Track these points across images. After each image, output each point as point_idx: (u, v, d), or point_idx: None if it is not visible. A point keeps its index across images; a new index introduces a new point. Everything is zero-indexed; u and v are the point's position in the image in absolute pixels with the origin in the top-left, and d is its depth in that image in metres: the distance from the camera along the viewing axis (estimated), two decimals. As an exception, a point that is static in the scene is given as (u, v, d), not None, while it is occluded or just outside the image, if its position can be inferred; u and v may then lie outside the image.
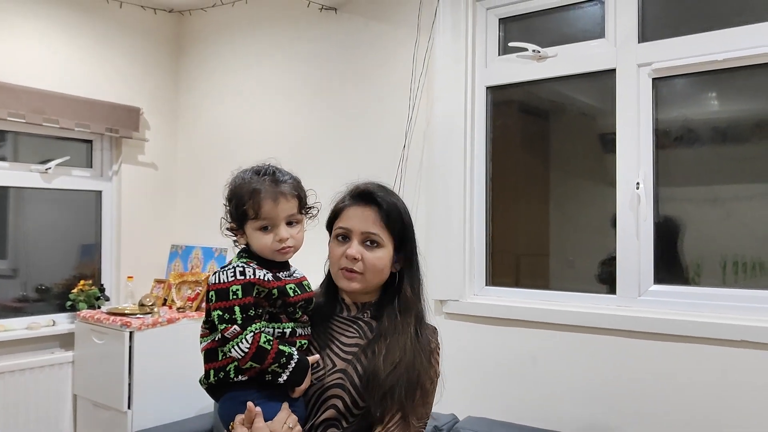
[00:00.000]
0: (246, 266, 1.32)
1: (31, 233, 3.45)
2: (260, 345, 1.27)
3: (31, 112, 3.18)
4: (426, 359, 1.37)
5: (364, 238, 1.39)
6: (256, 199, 1.33)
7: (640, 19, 2.38)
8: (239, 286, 1.29)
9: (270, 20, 3.47)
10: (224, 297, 1.29)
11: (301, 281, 1.41)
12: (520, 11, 2.68)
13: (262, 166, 1.39)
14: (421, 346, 1.37)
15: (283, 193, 1.34)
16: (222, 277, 1.31)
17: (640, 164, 2.34)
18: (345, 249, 1.39)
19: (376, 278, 1.41)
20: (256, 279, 1.31)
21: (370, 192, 1.42)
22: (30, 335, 3.24)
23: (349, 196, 1.45)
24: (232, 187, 1.39)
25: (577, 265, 2.65)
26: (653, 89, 2.35)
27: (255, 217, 1.34)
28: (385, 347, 1.34)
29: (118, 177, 3.67)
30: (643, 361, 2.24)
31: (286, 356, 1.30)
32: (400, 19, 2.93)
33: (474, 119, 2.74)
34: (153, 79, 3.81)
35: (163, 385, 3.07)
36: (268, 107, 3.48)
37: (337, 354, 1.38)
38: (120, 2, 3.60)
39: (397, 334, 1.36)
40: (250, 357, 1.27)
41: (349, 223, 1.41)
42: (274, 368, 1.29)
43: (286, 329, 1.36)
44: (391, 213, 1.41)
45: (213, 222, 3.64)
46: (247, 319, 1.28)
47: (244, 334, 1.27)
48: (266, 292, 1.32)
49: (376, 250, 1.39)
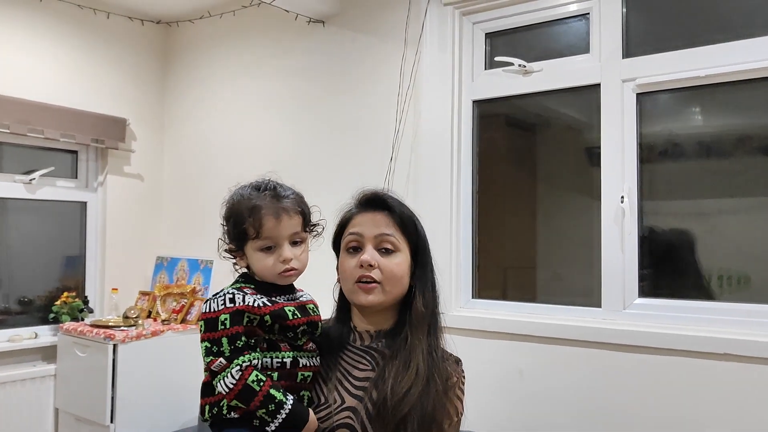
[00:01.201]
0: (237, 292, 1.22)
1: (13, 244, 3.41)
2: (247, 383, 1.15)
3: (16, 123, 3.15)
4: (443, 390, 1.22)
5: (378, 242, 1.26)
6: (256, 216, 1.22)
7: (624, 35, 2.40)
8: (227, 315, 1.18)
9: (258, 32, 3.47)
10: (213, 327, 1.19)
11: (305, 304, 1.30)
12: (506, 26, 2.70)
13: (262, 181, 1.29)
14: (438, 370, 1.23)
15: (285, 210, 1.24)
16: (212, 305, 1.21)
17: (625, 178, 2.36)
18: (358, 258, 1.25)
19: (395, 288, 1.26)
20: (245, 306, 1.20)
21: (380, 196, 1.32)
22: (11, 348, 3.20)
23: (356, 204, 1.34)
24: (230, 204, 1.27)
25: (564, 277, 2.67)
26: (637, 104, 2.37)
27: (256, 237, 1.23)
28: (395, 370, 1.20)
29: (104, 188, 3.65)
30: (628, 374, 2.25)
31: (275, 403, 1.16)
32: (387, 33, 2.95)
33: (461, 132, 2.75)
34: (140, 90, 3.80)
35: (147, 399, 3.03)
36: (255, 119, 3.48)
37: (347, 389, 1.24)
38: (107, 13, 3.60)
39: (407, 354, 1.22)
40: (235, 395, 1.16)
41: (361, 229, 1.27)
42: (262, 414, 1.16)
43: (286, 359, 1.23)
44: (404, 216, 1.30)
45: (199, 234, 3.67)
46: (235, 351, 1.16)
47: (230, 367, 1.16)
48: (258, 319, 1.21)
49: (393, 255, 1.26)
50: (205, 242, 3.56)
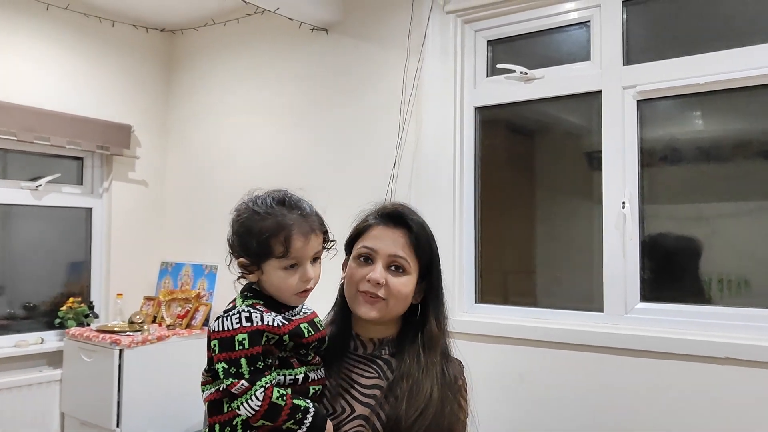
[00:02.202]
0: (252, 310, 1.18)
1: (18, 250, 3.44)
2: (273, 401, 1.13)
3: (23, 130, 3.19)
4: (455, 402, 1.25)
5: (389, 262, 1.27)
6: (285, 234, 1.17)
7: (625, 42, 2.43)
8: (245, 335, 1.14)
9: (261, 40, 3.51)
10: (229, 347, 1.14)
11: (312, 319, 1.28)
12: (508, 33, 2.73)
13: (284, 194, 1.24)
14: (450, 389, 1.25)
15: (313, 230, 1.21)
16: (226, 323, 1.16)
17: (626, 184, 2.39)
18: (368, 271, 1.26)
19: (398, 306, 1.28)
20: (264, 326, 1.16)
21: (400, 213, 1.32)
22: (18, 353, 3.23)
23: (376, 215, 1.33)
24: (247, 217, 1.21)
25: (564, 282, 2.69)
26: (638, 110, 2.40)
27: (282, 256, 1.18)
28: (408, 390, 1.21)
29: (109, 194, 3.68)
30: (630, 378, 2.27)
31: (302, 411, 1.16)
32: (390, 41, 2.98)
33: (463, 139, 2.78)
34: (144, 97, 3.84)
35: (152, 404, 3.06)
36: (258, 126, 3.51)
37: (355, 398, 1.25)
38: (112, 21, 3.63)
39: (421, 374, 1.23)
40: (262, 415, 1.13)
41: (376, 244, 1.28)
42: (290, 425, 1.15)
43: (299, 375, 1.21)
44: (420, 238, 1.30)
45: (203, 239, 3.69)
46: (256, 372, 1.14)
47: (254, 389, 1.13)
48: (276, 339, 1.18)
49: (402, 276, 1.27)
50: (209, 247, 3.59)
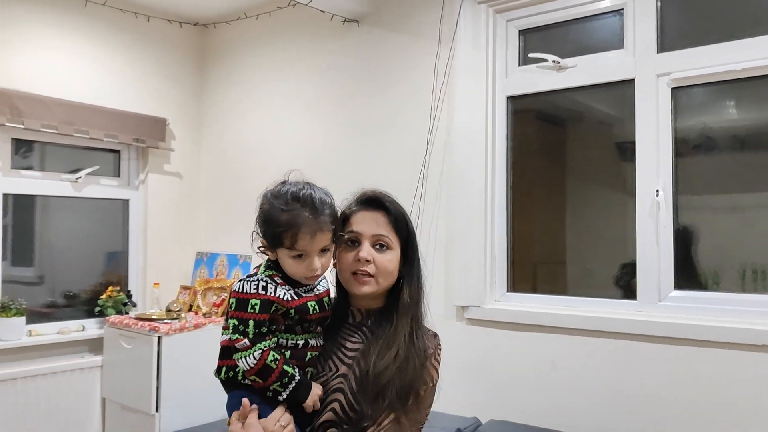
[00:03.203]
0: (269, 282, 1.33)
1: (58, 241, 3.54)
2: (266, 363, 1.30)
3: (63, 123, 3.28)
4: (420, 363, 1.37)
5: (374, 240, 1.41)
6: (293, 231, 1.31)
7: (659, 29, 2.42)
8: (258, 302, 1.30)
9: (293, 33, 3.55)
10: (243, 308, 1.31)
11: (321, 297, 1.42)
12: (539, 23, 2.73)
13: (300, 189, 1.34)
14: (416, 350, 1.38)
15: (321, 228, 1.32)
16: (246, 287, 1.32)
17: (660, 172, 2.39)
18: (356, 253, 1.40)
19: (386, 280, 1.42)
20: (275, 297, 1.32)
21: (378, 197, 1.45)
22: (61, 339, 3.33)
23: (357, 202, 1.47)
24: (267, 208, 1.35)
25: (595, 272, 2.69)
26: (672, 98, 2.39)
27: (290, 247, 1.32)
28: (378, 349, 1.37)
29: (145, 186, 3.77)
30: (664, 366, 2.27)
31: (288, 377, 1.32)
32: (421, 31, 3.00)
33: (495, 128, 2.79)
34: (179, 90, 3.91)
35: (189, 389, 3.14)
36: (290, 118, 3.56)
37: (341, 359, 1.42)
38: (147, 16, 3.71)
39: (391, 337, 1.38)
40: (254, 372, 1.30)
41: (360, 227, 1.42)
42: (276, 387, 1.32)
43: (299, 341, 1.37)
44: (398, 217, 1.44)
45: (237, 230, 3.77)
46: (258, 335, 1.30)
47: (253, 350, 1.29)
48: (284, 311, 1.33)
49: (386, 252, 1.41)
50: (243, 238, 3.63)
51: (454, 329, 2.76)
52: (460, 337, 2.75)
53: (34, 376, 3.15)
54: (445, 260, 2.83)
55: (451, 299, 2.78)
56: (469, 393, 2.70)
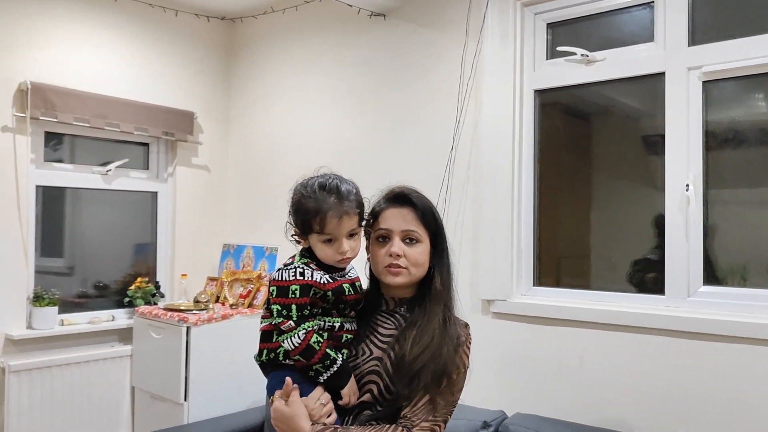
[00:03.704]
0: (306, 268, 1.44)
1: (87, 232, 3.61)
2: (310, 343, 1.40)
3: (95, 117, 3.34)
4: (453, 349, 1.45)
5: (404, 236, 1.50)
6: (321, 216, 1.41)
7: (690, 22, 2.40)
8: (298, 287, 1.41)
9: (320, 27, 3.57)
10: (284, 294, 1.42)
11: (354, 281, 1.53)
12: (568, 16, 2.72)
13: (327, 179, 1.46)
14: (449, 336, 1.46)
15: (347, 212, 1.43)
16: (284, 275, 1.44)
17: (690, 166, 2.37)
18: (388, 248, 1.50)
19: (418, 271, 1.51)
20: (313, 281, 1.43)
21: (405, 194, 1.53)
22: (91, 329, 3.40)
23: (385, 199, 1.55)
24: (297, 198, 1.47)
25: (621, 267, 2.67)
26: (703, 92, 2.37)
27: (320, 232, 1.43)
28: (413, 334, 1.45)
29: (173, 178, 3.82)
30: (692, 362, 2.26)
31: (330, 359, 1.42)
32: (448, 25, 3.00)
33: (522, 122, 2.79)
34: (206, 84, 3.96)
35: (217, 379, 3.19)
36: (317, 112, 3.58)
37: (374, 343, 1.51)
38: (176, 11, 3.76)
39: (425, 323, 1.46)
40: (299, 352, 1.41)
41: (389, 224, 1.51)
42: (318, 367, 1.42)
43: (335, 323, 1.47)
44: (425, 212, 1.52)
45: (264, 222, 3.81)
46: (301, 317, 1.41)
47: (297, 330, 1.40)
48: (321, 294, 1.44)
49: (416, 245, 1.50)
50: (270, 230, 3.70)
51: (480, 323, 2.77)
52: (486, 331, 2.76)
53: (68, 365, 3.22)
54: (471, 254, 2.84)
55: (477, 293, 2.79)
56: (495, 386, 2.71)
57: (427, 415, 1.40)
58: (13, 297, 3.15)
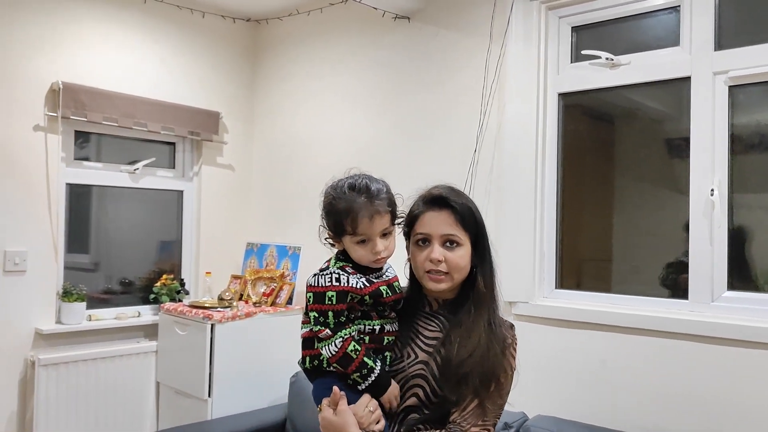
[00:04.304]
0: (341, 273, 1.42)
1: (113, 229, 3.67)
2: (347, 352, 1.39)
3: (123, 116, 3.41)
4: (500, 352, 1.43)
5: (444, 240, 1.46)
6: (353, 216, 1.40)
7: (717, 27, 2.39)
8: (334, 293, 1.40)
9: (344, 29, 3.61)
10: (320, 300, 1.41)
11: (392, 282, 1.51)
12: (593, 20, 2.72)
13: (356, 180, 1.45)
14: (496, 338, 1.44)
15: (378, 211, 1.42)
16: (320, 280, 1.42)
17: (715, 171, 2.36)
18: (428, 253, 1.46)
19: (460, 276, 1.48)
20: (349, 287, 1.41)
21: (443, 196, 1.49)
22: (118, 325, 3.47)
23: (423, 202, 1.52)
24: (329, 200, 1.45)
25: (644, 270, 2.67)
26: (729, 97, 2.36)
27: (352, 233, 1.42)
28: (459, 337, 1.43)
29: (199, 177, 3.88)
30: (716, 367, 2.26)
31: (368, 369, 1.40)
32: (472, 28, 3.01)
33: (545, 125, 2.80)
34: (232, 85, 4.01)
35: (241, 376, 3.24)
36: (341, 113, 3.62)
37: (419, 346, 1.48)
38: (203, 12, 3.81)
39: (471, 325, 1.44)
40: (336, 360, 1.40)
41: (428, 228, 1.48)
42: (356, 377, 1.41)
43: (376, 326, 1.45)
44: (464, 214, 1.48)
45: (287, 221, 3.86)
46: (338, 325, 1.40)
47: (334, 338, 1.39)
48: (359, 298, 1.42)
49: (457, 249, 1.46)
50: (293, 229, 3.75)
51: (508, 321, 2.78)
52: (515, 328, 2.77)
53: (94, 359, 3.29)
54: (493, 255, 2.85)
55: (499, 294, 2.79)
56: (517, 388, 2.69)
57: (477, 419, 1.38)
58: (44, 292, 3.22)
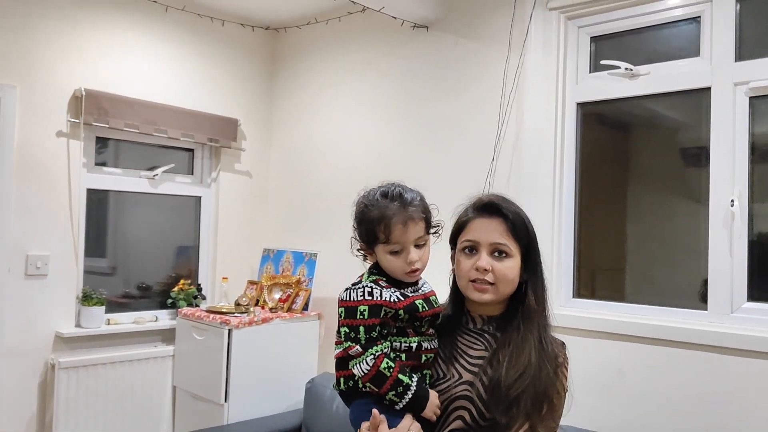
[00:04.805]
0: (374, 286, 1.36)
1: (135, 235, 3.71)
2: (380, 370, 1.31)
3: (144, 123, 3.45)
4: (552, 372, 1.35)
5: (492, 249, 1.39)
6: (386, 223, 1.35)
7: (737, 38, 2.40)
8: (366, 307, 1.33)
9: (362, 37, 3.63)
10: (352, 315, 1.34)
11: (428, 296, 1.44)
12: (612, 30, 2.73)
13: (389, 188, 1.41)
14: (547, 357, 1.36)
15: (412, 218, 1.37)
16: (352, 294, 1.36)
17: (735, 182, 2.36)
18: (474, 261, 1.39)
19: (507, 288, 1.40)
20: (383, 301, 1.34)
21: (494, 203, 1.43)
22: (136, 329, 3.50)
23: (473, 209, 1.45)
24: (361, 209, 1.42)
25: (662, 280, 2.66)
26: (750, 107, 2.36)
27: (386, 242, 1.37)
28: (508, 356, 1.34)
29: (217, 184, 3.92)
30: (736, 378, 2.25)
31: (403, 386, 1.32)
32: (491, 37, 3.03)
33: (564, 134, 2.81)
34: (250, 92, 4.05)
35: (257, 381, 3.25)
36: (358, 121, 3.64)
37: (463, 366, 1.40)
38: (222, 21, 3.86)
39: (520, 343, 1.35)
40: (369, 379, 1.32)
41: (476, 235, 1.40)
42: (391, 396, 1.32)
43: (413, 344, 1.38)
44: (516, 223, 1.40)
45: (303, 228, 3.88)
46: (370, 341, 1.32)
47: (365, 355, 1.32)
48: (393, 312, 1.35)
49: (505, 260, 1.38)
50: (309, 236, 3.77)
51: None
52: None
53: (113, 363, 3.32)
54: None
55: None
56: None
57: None
58: (64, 296, 3.26)
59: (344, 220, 3.71)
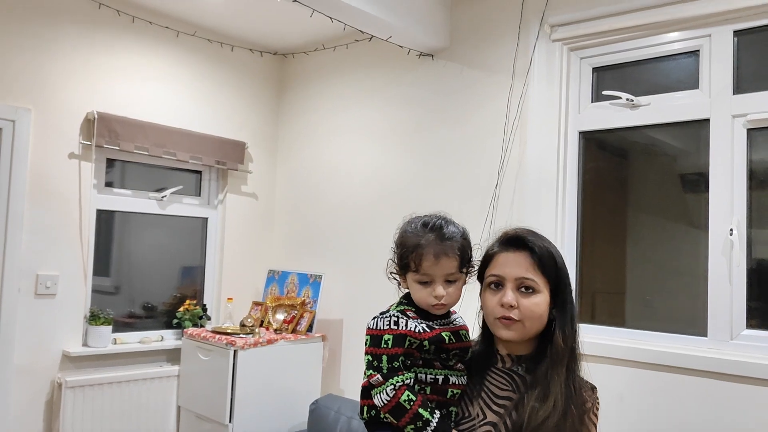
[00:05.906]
0: (401, 316, 1.36)
1: (142, 255, 3.76)
2: (399, 401, 1.29)
3: (154, 146, 3.52)
4: (578, 419, 1.30)
5: (518, 284, 1.34)
6: (419, 253, 1.35)
7: (735, 71, 2.47)
8: (391, 336, 1.32)
9: (369, 65, 3.72)
10: (376, 344, 1.34)
11: (458, 330, 1.42)
12: (614, 61, 2.81)
13: (432, 218, 1.40)
14: (574, 402, 1.31)
15: (445, 252, 1.35)
16: (379, 323, 1.36)
17: (734, 211, 2.42)
18: (500, 297, 1.35)
19: (534, 326, 1.35)
20: (408, 331, 1.33)
21: (521, 237, 1.39)
22: (142, 349, 3.54)
23: (499, 243, 1.42)
24: (401, 233, 1.42)
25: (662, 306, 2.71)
26: (747, 139, 2.43)
27: (416, 271, 1.36)
28: (533, 402, 1.30)
29: (223, 205, 3.98)
30: (735, 404, 2.29)
31: (423, 421, 1.29)
32: (495, 66, 3.11)
33: (566, 162, 2.87)
34: (257, 116, 4.13)
35: (261, 402, 3.28)
36: (363, 146, 3.71)
37: (488, 405, 1.36)
38: (232, 46, 3.95)
39: (547, 387, 1.31)
40: (388, 410, 1.30)
41: (502, 270, 1.36)
42: (410, 430, 1.30)
43: (439, 376, 1.36)
44: (544, 257, 1.36)
45: (308, 249, 3.93)
46: (392, 370, 1.31)
47: (386, 385, 1.30)
48: (418, 343, 1.34)
49: (533, 296, 1.34)
50: (314, 258, 3.82)
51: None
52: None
53: (119, 382, 3.35)
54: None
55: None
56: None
57: None
58: (72, 315, 3.30)
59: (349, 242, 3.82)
